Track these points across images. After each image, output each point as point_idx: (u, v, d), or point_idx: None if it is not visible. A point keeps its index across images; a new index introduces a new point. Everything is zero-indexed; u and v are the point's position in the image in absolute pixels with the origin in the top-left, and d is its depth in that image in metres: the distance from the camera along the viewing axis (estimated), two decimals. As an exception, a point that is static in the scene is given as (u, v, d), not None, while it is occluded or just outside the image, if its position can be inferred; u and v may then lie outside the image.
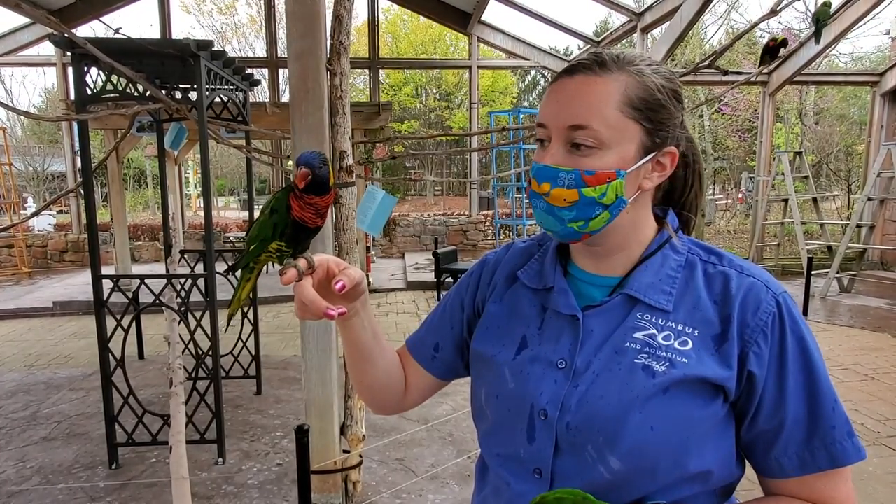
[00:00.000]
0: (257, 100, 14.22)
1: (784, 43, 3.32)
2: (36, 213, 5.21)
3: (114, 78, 3.24)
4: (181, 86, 3.81)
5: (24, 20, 10.16)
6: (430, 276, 8.89)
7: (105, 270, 3.44)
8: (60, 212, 16.94)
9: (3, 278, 10.26)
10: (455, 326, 0.96)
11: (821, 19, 3.79)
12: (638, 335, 0.76)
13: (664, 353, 0.74)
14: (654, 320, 0.77)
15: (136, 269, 9.68)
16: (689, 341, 0.74)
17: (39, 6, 9.43)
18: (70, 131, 11.08)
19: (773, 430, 0.75)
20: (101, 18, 10.19)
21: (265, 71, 12.08)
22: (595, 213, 0.75)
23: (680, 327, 0.75)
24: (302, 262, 0.80)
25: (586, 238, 0.78)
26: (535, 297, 0.87)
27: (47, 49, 10.83)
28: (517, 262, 0.93)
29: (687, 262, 0.80)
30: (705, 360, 0.73)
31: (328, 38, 2.74)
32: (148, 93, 3.23)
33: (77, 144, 14.71)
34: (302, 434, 2.26)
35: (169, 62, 3.29)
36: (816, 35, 6.60)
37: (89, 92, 3.16)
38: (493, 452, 0.86)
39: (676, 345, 0.74)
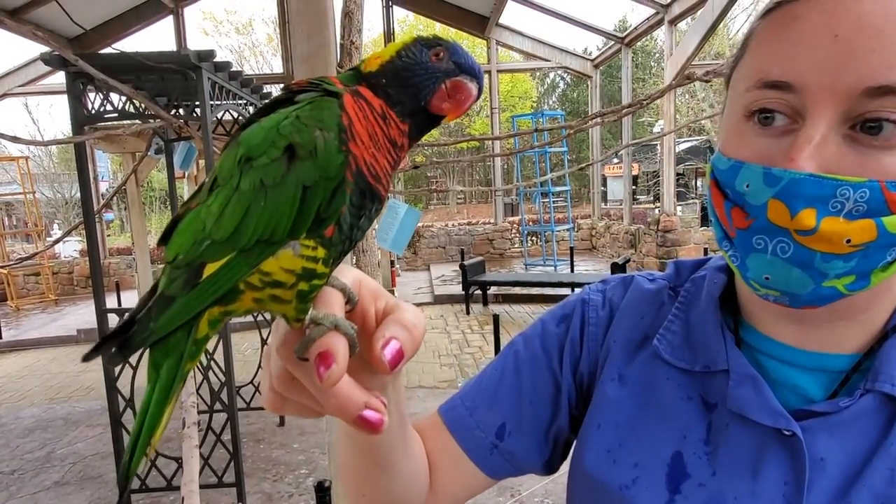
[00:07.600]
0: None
1: None
2: (53, 244, 5.05)
3: (114, 97, 3.03)
4: (186, 103, 3.58)
5: (41, 48, 10.22)
6: (457, 289, 8.58)
7: (129, 296, 3.21)
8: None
9: (31, 306, 10.25)
10: (539, 404, 0.60)
11: None
12: None
13: None
14: None
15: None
16: None
17: (57, 34, 9.45)
18: (93, 157, 11.09)
19: None
20: (116, 45, 10.19)
21: (282, 87, 12.02)
22: (886, 261, 0.41)
23: None
24: (335, 301, 0.38)
25: (839, 302, 0.43)
26: (689, 383, 0.52)
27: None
28: (644, 314, 0.58)
29: None
30: None
31: (338, 38, 2.47)
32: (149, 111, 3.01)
33: (100, 170, 14.73)
34: (323, 492, 1.96)
35: (169, 77, 3.07)
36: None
37: (86, 113, 2.95)
38: None
39: None
